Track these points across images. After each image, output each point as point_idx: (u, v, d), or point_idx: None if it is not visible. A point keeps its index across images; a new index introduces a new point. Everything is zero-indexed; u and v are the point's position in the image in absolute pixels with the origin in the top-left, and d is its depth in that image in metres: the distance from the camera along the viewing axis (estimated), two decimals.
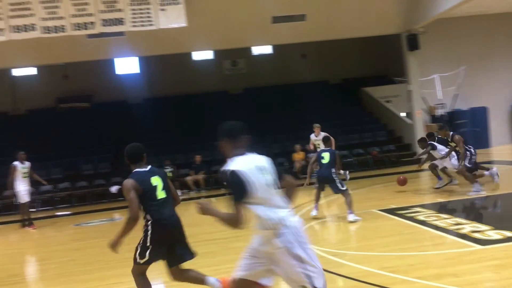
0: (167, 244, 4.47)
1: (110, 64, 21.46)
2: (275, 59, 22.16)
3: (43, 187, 16.13)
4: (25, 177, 11.66)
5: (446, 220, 7.58)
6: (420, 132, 17.20)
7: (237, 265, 3.67)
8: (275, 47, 21.43)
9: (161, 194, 4.44)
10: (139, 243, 4.48)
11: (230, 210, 3.20)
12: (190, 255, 4.59)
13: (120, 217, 12.48)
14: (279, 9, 15.71)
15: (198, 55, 21.83)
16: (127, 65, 21.93)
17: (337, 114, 20.30)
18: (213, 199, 13.55)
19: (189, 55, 21.43)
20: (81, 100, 21.35)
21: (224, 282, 4.61)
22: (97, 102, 21.43)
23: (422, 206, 9.20)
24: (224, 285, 4.60)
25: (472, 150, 10.18)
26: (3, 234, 11.89)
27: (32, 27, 12.06)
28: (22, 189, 11.66)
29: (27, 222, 11.99)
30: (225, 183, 3.26)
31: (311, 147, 13.21)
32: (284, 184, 3.53)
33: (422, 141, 11.20)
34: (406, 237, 6.96)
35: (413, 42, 17.50)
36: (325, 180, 8.81)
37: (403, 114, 20.09)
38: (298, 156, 16.50)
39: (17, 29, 12.11)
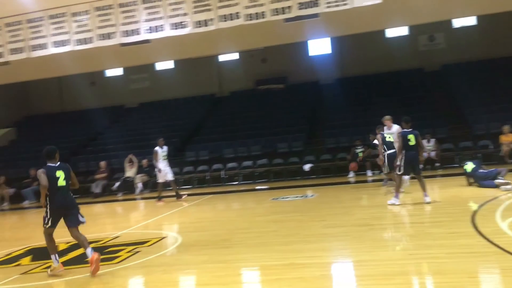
0: (62, 215, 6.36)
1: (303, 46, 22.12)
2: (480, 31, 20.02)
3: (244, 162, 17.69)
4: (164, 159, 13.78)
5: None
6: None
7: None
8: (481, 18, 19.31)
9: (61, 183, 6.30)
10: (44, 215, 6.34)
11: None
12: (76, 223, 6.42)
13: (312, 194, 12.94)
14: None
15: (392, 32, 21.00)
16: (319, 46, 22.32)
17: None
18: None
19: (381, 32, 20.77)
20: (277, 81, 22.58)
21: (94, 256, 6.07)
22: (291, 83, 22.41)
23: None
24: (94, 258, 6.05)
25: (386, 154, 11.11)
26: (210, 204, 13.40)
27: (236, 16, 13.05)
28: (163, 169, 13.69)
29: (157, 198, 13.76)
30: None
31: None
32: None
33: None
34: None
35: None
36: (414, 162, 9.27)
37: None
38: (507, 138, 14.77)
39: (224, 18, 13.25)
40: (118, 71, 23.61)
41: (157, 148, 13.76)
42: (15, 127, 24.20)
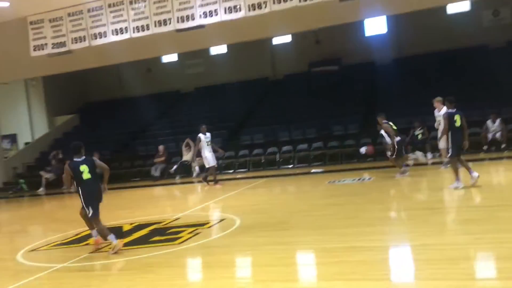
0: (97, 201, 6.86)
1: (359, 26, 21.52)
2: None
3: (299, 145, 17.62)
4: (208, 145, 13.97)
5: None
6: None
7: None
8: None
9: (86, 176, 6.77)
10: (83, 205, 6.89)
11: None
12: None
13: (370, 177, 12.72)
14: None
15: (453, 8, 20.03)
16: (375, 26, 21.66)
17: None
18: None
19: (442, 9, 19.84)
20: (331, 63, 22.16)
21: (98, 240, 6.93)
22: (346, 64, 21.95)
23: None
24: (99, 241, 6.91)
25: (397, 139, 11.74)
26: (266, 187, 13.49)
27: None
28: (207, 155, 13.91)
29: (213, 181, 14.02)
30: None
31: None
32: None
33: None
34: None
35: None
36: (460, 143, 8.89)
37: None
38: None
39: (278, 0, 13.14)
40: (173, 57, 24.02)
41: (200, 135, 13.92)
42: (78, 113, 25.31)
